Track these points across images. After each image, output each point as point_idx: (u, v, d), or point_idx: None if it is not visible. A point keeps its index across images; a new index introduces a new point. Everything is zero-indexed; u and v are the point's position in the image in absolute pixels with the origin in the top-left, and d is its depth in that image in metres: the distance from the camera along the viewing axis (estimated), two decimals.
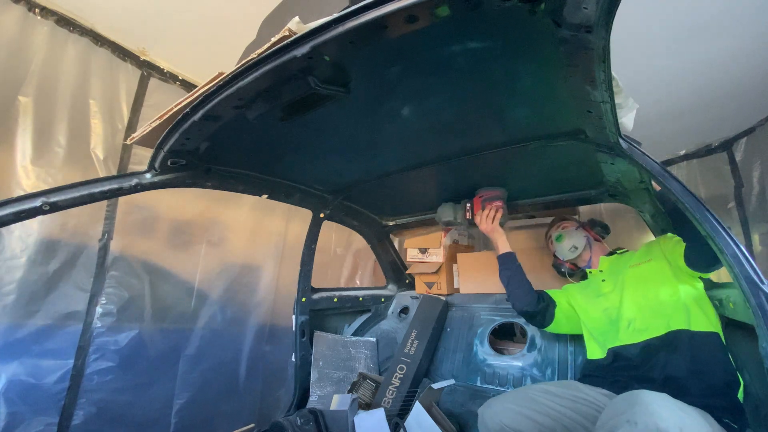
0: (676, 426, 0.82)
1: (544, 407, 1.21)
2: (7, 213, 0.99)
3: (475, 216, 1.82)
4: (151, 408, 2.01)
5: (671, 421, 0.83)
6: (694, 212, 0.99)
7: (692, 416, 0.92)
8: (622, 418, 0.88)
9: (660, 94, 2.38)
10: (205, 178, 1.41)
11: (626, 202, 1.71)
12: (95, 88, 1.91)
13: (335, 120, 1.21)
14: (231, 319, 2.41)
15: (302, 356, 1.96)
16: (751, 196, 2.58)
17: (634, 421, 0.85)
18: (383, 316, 2.45)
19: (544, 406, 1.21)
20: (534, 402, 1.23)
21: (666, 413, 0.85)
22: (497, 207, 1.77)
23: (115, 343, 1.90)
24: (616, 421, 0.90)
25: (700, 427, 0.88)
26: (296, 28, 0.79)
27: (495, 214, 1.75)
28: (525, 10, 0.71)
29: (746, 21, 1.80)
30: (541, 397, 1.24)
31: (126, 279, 1.98)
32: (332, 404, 1.71)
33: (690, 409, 0.96)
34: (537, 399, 1.24)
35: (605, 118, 1.00)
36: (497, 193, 1.80)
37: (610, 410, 0.97)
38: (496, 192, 1.81)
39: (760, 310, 0.86)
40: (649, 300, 1.37)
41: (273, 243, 2.67)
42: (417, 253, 2.46)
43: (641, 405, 0.88)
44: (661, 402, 0.90)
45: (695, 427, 0.87)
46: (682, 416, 0.87)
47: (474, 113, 1.22)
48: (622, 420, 0.88)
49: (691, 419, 0.89)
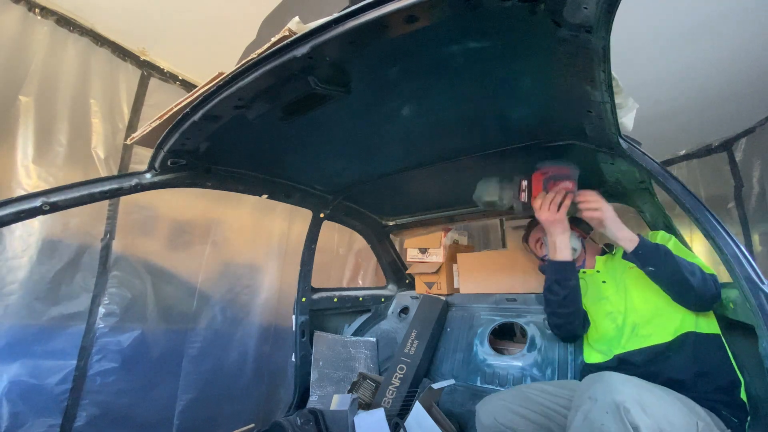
0: (633, 399, 0.85)
1: (539, 406, 1.21)
2: (7, 213, 0.99)
3: (535, 199, 1.39)
4: (154, 409, 2.00)
5: (628, 394, 0.86)
6: (694, 212, 0.99)
7: (655, 393, 0.95)
8: (585, 396, 0.94)
9: (660, 94, 2.38)
10: (205, 178, 1.41)
11: (626, 202, 1.71)
12: (96, 87, 1.91)
13: (335, 120, 1.21)
14: (235, 320, 2.41)
15: (302, 356, 1.96)
16: (751, 196, 2.58)
17: (595, 398, 0.90)
18: (383, 316, 2.44)
19: (539, 405, 1.21)
20: (529, 400, 1.23)
21: (624, 388, 0.89)
22: (567, 190, 1.35)
23: (118, 344, 1.90)
24: (580, 399, 0.96)
25: (661, 402, 0.92)
26: (296, 28, 0.79)
27: (563, 200, 1.35)
28: (525, 10, 0.71)
29: (746, 21, 1.80)
30: (537, 396, 1.24)
31: (128, 279, 1.97)
32: (332, 404, 1.71)
33: (657, 388, 1.01)
34: (532, 397, 1.23)
35: (605, 118, 1.00)
36: (567, 171, 1.36)
37: (578, 391, 1.01)
38: (566, 169, 1.36)
39: (760, 310, 0.86)
40: (656, 303, 1.32)
41: (276, 243, 2.67)
42: (417, 253, 2.46)
43: (602, 383, 0.93)
44: (623, 379, 0.93)
45: (655, 402, 0.90)
46: (641, 391, 0.90)
47: (474, 113, 1.22)
48: (585, 397, 0.94)
49: (651, 395, 0.92)
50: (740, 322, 1.23)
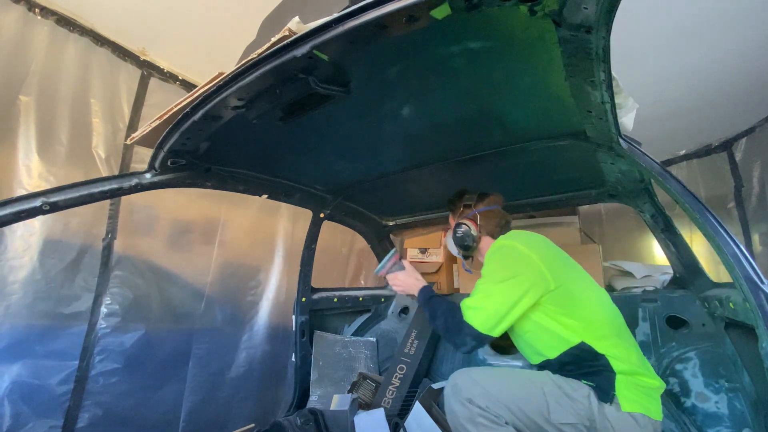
0: (463, 381, 1.18)
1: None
2: (6, 213, 0.99)
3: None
4: (159, 411, 1.98)
5: (460, 379, 1.19)
6: (694, 212, 0.99)
7: (492, 373, 1.24)
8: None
9: (660, 95, 2.38)
10: (205, 178, 1.41)
11: (626, 202, 1.71)
12: (96, 87, 1.91)
13: (335, 120, 1.21)
14: (240, 320, 2.39)
15: (302, 356, 1.96)
16: (751, 196, 2.58)
17: (446, 392, 1.21)
18: (383, 316, 2.44)
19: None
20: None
21: (457, 376, 1.21)
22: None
23: (121, 344, 1.88)
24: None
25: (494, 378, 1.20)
26: (296, 28, 0.79)
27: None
28: (525, 10, 0.71)
29: (746, 22, 1.80)
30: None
31: (131, 279, 1.96)
32: (332, 404, 1.71)
33: (499, 371, 1.29)
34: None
35: (605, 118, 1.00)
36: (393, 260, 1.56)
37: None
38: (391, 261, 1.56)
39: (760, 310, 0.86)
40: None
41: (280, 244, 2.66)
42: (417, 253, 2.46)
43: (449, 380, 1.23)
44: (461, 371, 1.23)
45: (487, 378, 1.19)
46: (473, 375, 1.20)
47: (474, 113, 1.22)
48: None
49: (485, 374, 1.21)
50: (740, 322, 1.23)
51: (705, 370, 1.44)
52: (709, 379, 1.41)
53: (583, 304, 1.22)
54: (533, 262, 1.21)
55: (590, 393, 1.13)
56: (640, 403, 1.11)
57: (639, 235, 3.46)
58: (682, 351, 1.52)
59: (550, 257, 1.26)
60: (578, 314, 1.20)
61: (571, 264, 1.33)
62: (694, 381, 1.44)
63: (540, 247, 1.28)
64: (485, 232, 1.48)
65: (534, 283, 1.19)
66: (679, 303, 1.62)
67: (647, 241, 3.37)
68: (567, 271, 1.27)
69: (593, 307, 1.23)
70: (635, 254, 3.45)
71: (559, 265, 1.26)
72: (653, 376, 1.17)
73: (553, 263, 1.23)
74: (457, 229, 1.48)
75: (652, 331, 1.63)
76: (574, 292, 1.22)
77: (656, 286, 1.85)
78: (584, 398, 1.12)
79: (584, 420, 1.10)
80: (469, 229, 1.46)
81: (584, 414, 1.10)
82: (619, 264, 2.15)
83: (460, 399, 1.14)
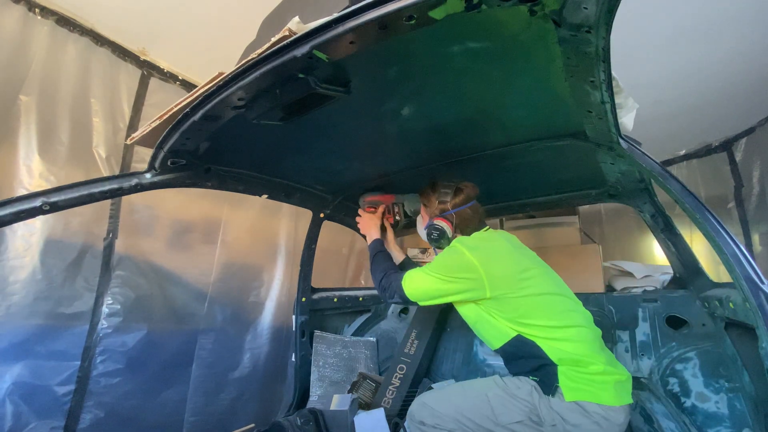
0: (417, 405, 1.34)
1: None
2: (6, 213, 0.99)
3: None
4: (162, 412, 1.97)
5: (414, 405, 1.36)
6: (694, 212, 0.99)
7: (442, 392, 1.40)
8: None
9: (660, 95, 2.38)
10: (205, 178, 1.41)
11: (626, 202, 1.71)
12: (96, 87, 1.91)
13: (335, 120, 1.21)
14: (243, 321, 2.38)
15: (302, 356, 1.96)
16: (751, 196, 2.58)
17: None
18: (383, 316, 2.44)
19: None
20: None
21: (414, 402, 1.38)
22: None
23: (123, 345, 1.87)
24: None
25: (443, 396, 1.35)
26: (296, 28, 0.79)
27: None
28: (525, 10, 0.71)
29: (746, 22, 1.80)
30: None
31: (132, 278, 1.95)
32: (332, 404, 1.71)
33: (450, 387, 1.46)
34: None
35: (605, 118, 1.00)
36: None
37: None
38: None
39: (760, 310, 0.86)
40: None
41: (282, 243, 2.66)
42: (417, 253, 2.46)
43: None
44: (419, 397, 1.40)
45: (437, 398, 1.35)
46: (425, 398, 1.36)
47: (474, 113, 1.22)
48: None
49: (435, 395, 1.38)
50: (740, 322, 1.23)
51: (705, 370, 1.44)
52: (709, 379, 1.41)
53: (523, 306, 1.24)
54: (474, 271, 1.25)
55: (533, 388, 1.20)
56: (587, 390, 1.13)
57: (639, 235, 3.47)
58: (682, 351, 1.52)
59: (497, 267, 1.28)
60: (515, 314, 1.25)
61: (524, 268, 1.31)
62: (694, 381, 1.44)
63: (489, 256, 1.29)
64: (459, 231, 1.47)
65: (468, 289, 1.28)
66: (679, 303, 1.62)
67: (647, 241, 3.38)
68: (513, 280, 1.27)
69: (535, 307, 1.25)
70: (635, 254, 3.45)
71: (507, 273, 1.27)
72: (606, 364, 1.17)
73: (496, 273, 1.26)
74: (433, 231, 1.45)
75: (652, 331, 1.63)
76: (513, 300, 1.25)
77: (656, 286, 1.85)
78: (527, 395, 1.19)
79: (531, 415, 1.16)
80: (444, 232, 1.43)
81: (529, 410, 1.17)
82: (619, 264, 2.15)
83: (415, 423, 1.32)
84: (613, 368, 1.18)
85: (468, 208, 1.46)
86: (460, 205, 1.45)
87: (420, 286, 1.36)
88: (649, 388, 1.53)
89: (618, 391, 1.15)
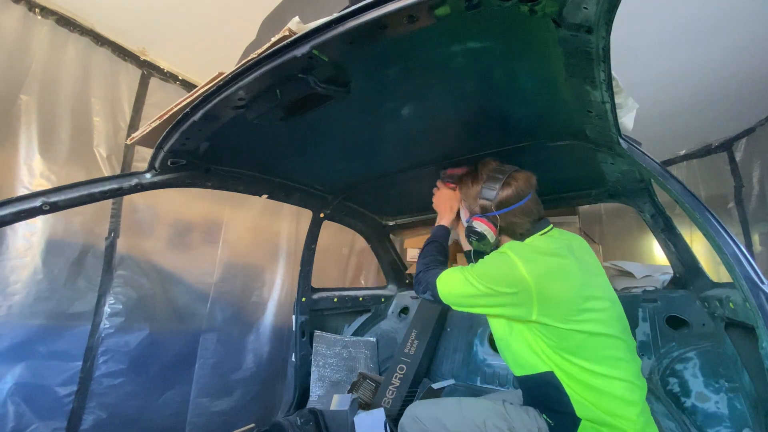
0: (408, 417, 1.26)
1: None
2: (7, 213, 0.99)
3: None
4: (164, 413, 1.96)
5: (405, 416, 1.27)
6: (694, 212, 0.99)
7: (433, 405, 1.28)
8: None
9: (660, 94, 2.38)
10: (205, 178, 1.41)
11: (626, 202, 1.71)
12: (96, 87, 1.91)
13: (335, 120, 1.21)
14: (246, 321, 2.38)
15: (302, 356, 1.96)
16: (751, 196, 2.58)
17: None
18: (383, 316, 2.44)
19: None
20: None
21: (406, 412, 1.29)
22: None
23: (125, 345, 1.87)
24: None
25: (434, 409, 1.24)
26: (296, 28, 0.79)
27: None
28: (525, 10, 0.71)
29: (746, 21, 1.80)
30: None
31: (134, 278, 1.95)
32: (332, 404, 1.71)
33: (444, 401, 1.30)
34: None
35: (605, 118, 1.00)
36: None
37: None
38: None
39: (760, 310, 0.86)
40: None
41: (284, 243, 2.66)
42: (417, 252, 2.46)
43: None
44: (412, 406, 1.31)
45: (427, 410, 1.24)
46: (417, 409, 1.27)
47: (474, 113, 1.22)
48: None
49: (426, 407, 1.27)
50: (740, 322, 1.23)
51: (705, 370, 1.44)
52: (709, 379, 1.41)
53: (572, 341, 1.02)
54: (524, 288, 1.01)
55: (539, 429, 1.05)
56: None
57: (639, 235, 3.47)
58: (682, 351, 1.52)
59: (555, 288, 1.02)
60: (559, 344, 1.02)
61: (589, 296, 1.05)
62: (694, 381, 1.44)
63: (548, 273, 1.03)
64: (507, 234, 1.20)
65: (511, 305, 1.06)
66: (679, 303, 1.62)
67: (647, 241, 3.38)
68: (570, 309, 1.02)
69: (585, 347, 1.02)
70: (635, 254, 3.45)
71: (565, 299, 1.02)
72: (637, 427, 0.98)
73: (552, 296, 1.01)
74: (470, 234, 1.20)
75: (652, 331, 1.63)
76: (563, 332, 1.02)
77: (656, 286, 1.85)
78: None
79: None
80: (484, 236, 1.17)
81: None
82: (619, 264, 2.15)
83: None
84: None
85: (519, 207, 1.15)
86: (508, 204, 1.15)
87: (455, 290, 1.14)
88: (649, 388, 1.53)
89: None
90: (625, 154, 1.14)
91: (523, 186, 1.17)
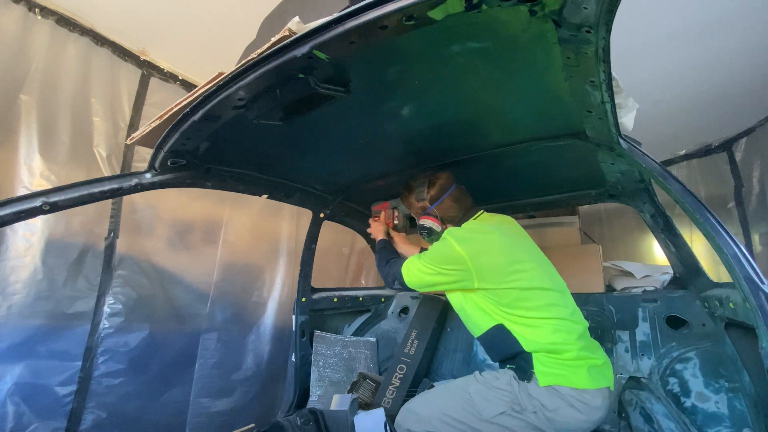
0: (403, 414, 1.38)
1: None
2: (7, 213, 0.99)
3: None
4: (165, 413, 1.96)
5: (401, 413, 1.39)
6: (694, 212, 0.99)
7: (425, 396, 1.44)
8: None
9: (660, 94, 2.38)
10: (205, 178, 1.41)
11: (626, 202, 1.71)
12: (96, 87, 1.91)
13: (335, 120, 1.21)
14: (246, 321, 2.37)
15: (302, 356, 1.96)
16: (751, 196, 2.58)
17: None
18: (383, 316, 2.44)
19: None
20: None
21: (401, 409, 1.41)
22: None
23: (125, 345, 1.86)
24: None
25: (428, 400, 1.39)
26: (296, 28, 0.79)
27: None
28: (525, 11, 0.71)
29: (746, 21, 1.80)
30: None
31: (134, 278, 1.95)
32: (332, 404, 1.71)
33: (434, 390, 1.51)
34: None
35: (605, 118, 1.00)
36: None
37: None
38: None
39: (760, 310, 0.86)
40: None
41: (284, 243, 2.65)
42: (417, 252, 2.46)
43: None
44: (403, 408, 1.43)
45: (422, 403, 1.38)
46: (411, 404, 1.39)
47: (474, 113, 1.22)
48: None
49: (420, 400, 1.41)
50: (740, 322, 1.23)
51: (705, 370, 1.44)
52: (709, 379, 1.41)
53: (509, 297, 1.27)
54: (462, 263, 1.27)
55: (512, 378, 1.24)
56: (559, 375, 1.17)
57: (639, 235, 3.47)
58: (682, 351, 1.52)
59: (486, 259, 1.29)
60: (501, 302, 1.28)
61: (515, 260, 1.31)
62: (694, 381, 1.44)
63: (478, 247, 1.30)
64: (448, 221, 1.48)
65: (457, 280, 1.32)
66: (679, 303, 1.62)
67: (647, 241, 3.38)
68: (502, 273, 1.28)
69: (519, 299, 1.26)
70: (635, 254, 3.45)
71: (495, 265, 1.28)
72: (580, 350, 1.19)
73: (485, 265, 1.27)
74: (422, 232, 1.51)
75: (652, 331, 1.63)
76: (500, 291, 1.27)
77: (656, 286, 1.85)
78: (507, 384, 1.23)
79: (513, 405, 1.19)
80: (431, 229, 1.47)
81: (510, 399, 1.20)
82: (619, 264, 2.15)
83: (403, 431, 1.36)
84: (587, 353, 1.21)
85: (447, 198, 1.45)
86: (438, 197, 1.45)
87: (416, 275, 1.40)
88: (649, 388, 1.53)
89: (592, 374, 1.17)
90: (625, 154, 1.14)
91: (444, 181, 1.47)
